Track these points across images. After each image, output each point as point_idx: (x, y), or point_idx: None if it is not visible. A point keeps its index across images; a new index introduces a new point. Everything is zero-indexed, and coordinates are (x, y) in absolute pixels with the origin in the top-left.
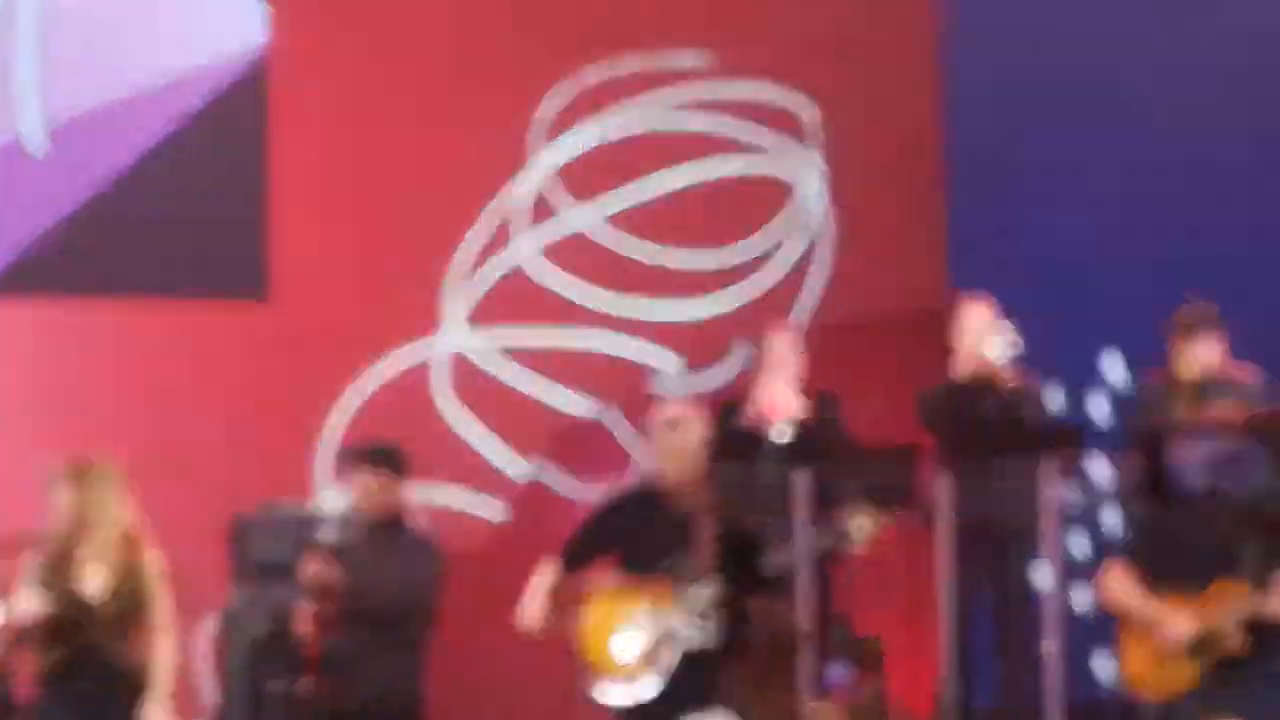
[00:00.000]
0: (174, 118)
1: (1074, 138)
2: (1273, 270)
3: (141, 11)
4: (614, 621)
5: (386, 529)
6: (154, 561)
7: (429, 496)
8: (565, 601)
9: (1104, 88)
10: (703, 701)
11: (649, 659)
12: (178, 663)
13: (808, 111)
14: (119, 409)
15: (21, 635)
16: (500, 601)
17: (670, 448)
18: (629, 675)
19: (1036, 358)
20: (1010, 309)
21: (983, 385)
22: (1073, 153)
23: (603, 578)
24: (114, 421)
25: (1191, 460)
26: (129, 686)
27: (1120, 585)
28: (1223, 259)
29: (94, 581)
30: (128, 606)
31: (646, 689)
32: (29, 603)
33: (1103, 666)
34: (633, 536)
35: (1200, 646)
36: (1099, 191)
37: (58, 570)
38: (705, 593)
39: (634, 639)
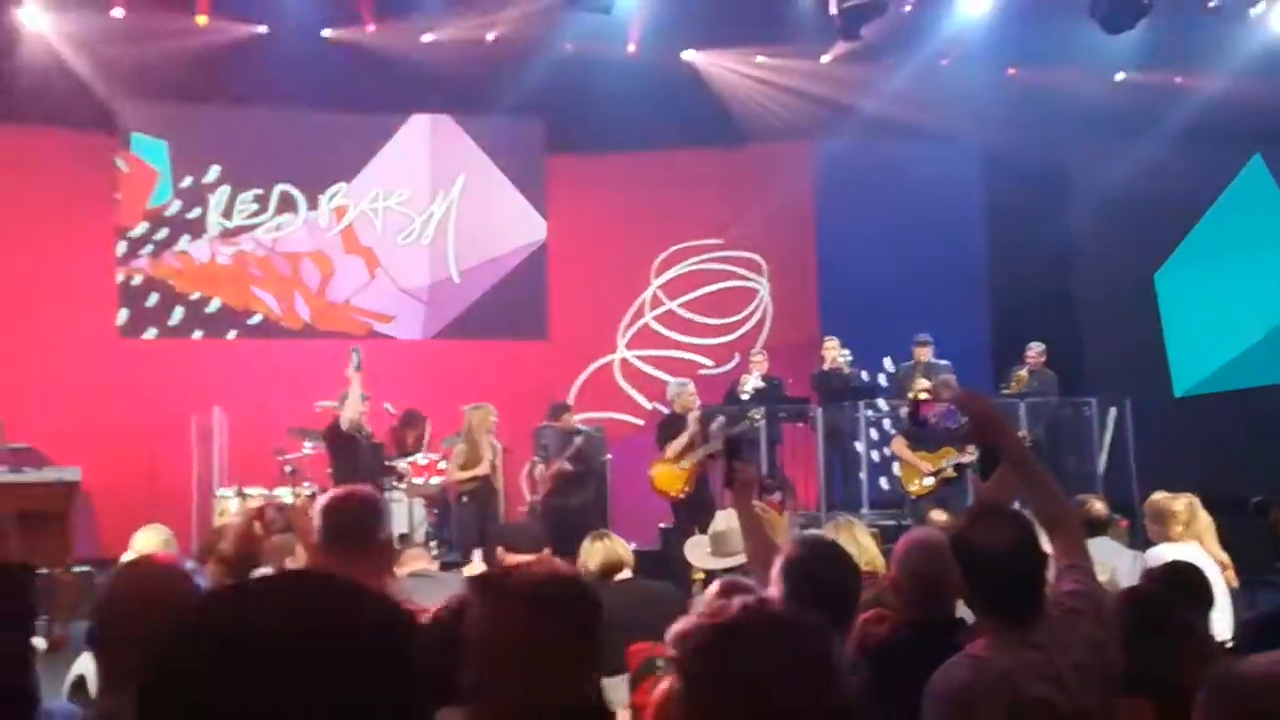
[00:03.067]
0: (514, 264)
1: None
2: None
3: (493, 223)
4: None
5: None
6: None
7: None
8: None
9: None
10: None
11: None
12: None
13: (762, 262)
14: (479, 390)
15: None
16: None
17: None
18: None
19: (854, 359)
20: (847, 336)
21: (835, 370)
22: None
23: None
24: (475, 397)
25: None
26: None
27: (900, 447)
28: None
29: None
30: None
31: None
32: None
33: None
34: None
35: (936, 474)
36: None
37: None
38: None
39: None
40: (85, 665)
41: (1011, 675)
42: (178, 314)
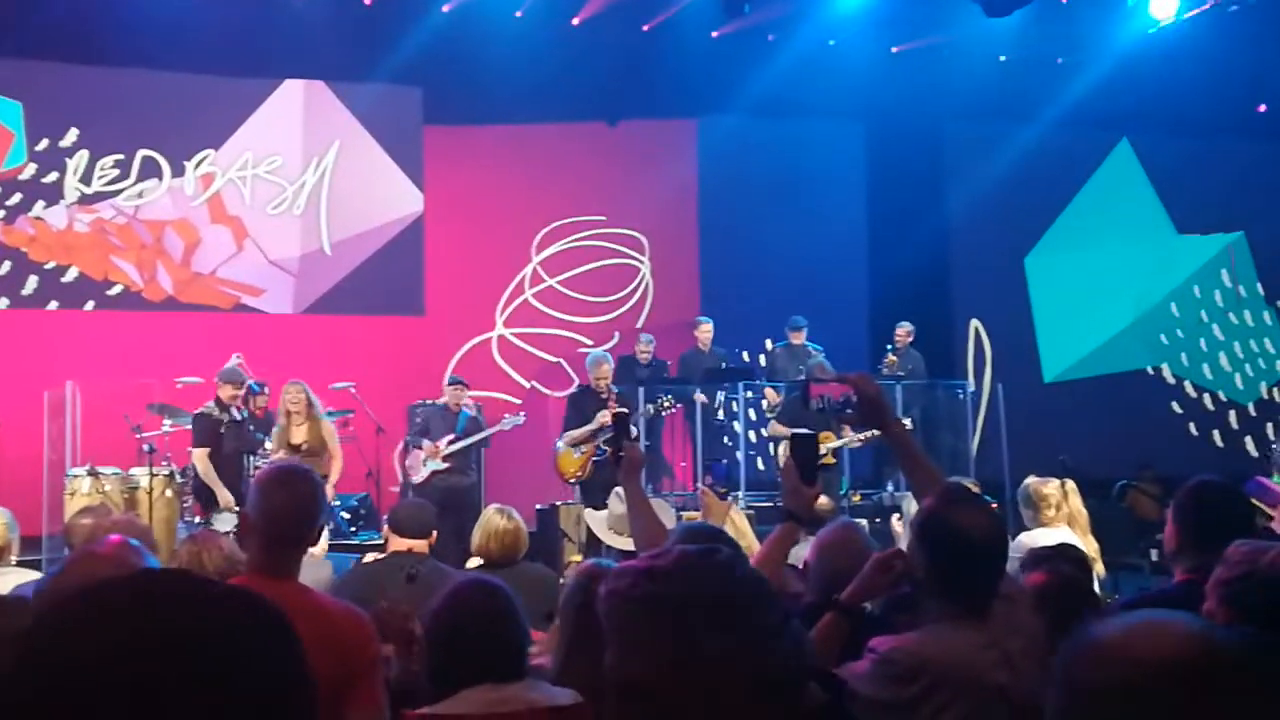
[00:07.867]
0: (389, 237)
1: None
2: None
3: (367, 194)
4: None
5: None
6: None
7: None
8: None
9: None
10: None
11: None
12: None
13: (644, 240)
14: (351, 367)
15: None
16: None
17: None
18: None
19: (735, 340)
20: (728, 316)
21: (703, 351)
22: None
23: None
24: (347, 375)
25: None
26: None
27: (774, 429)
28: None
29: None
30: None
31: None
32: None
33: None
34: None
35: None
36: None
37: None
38: None
39: None
40: None
41: (973, 660)
42: (31, 283)
